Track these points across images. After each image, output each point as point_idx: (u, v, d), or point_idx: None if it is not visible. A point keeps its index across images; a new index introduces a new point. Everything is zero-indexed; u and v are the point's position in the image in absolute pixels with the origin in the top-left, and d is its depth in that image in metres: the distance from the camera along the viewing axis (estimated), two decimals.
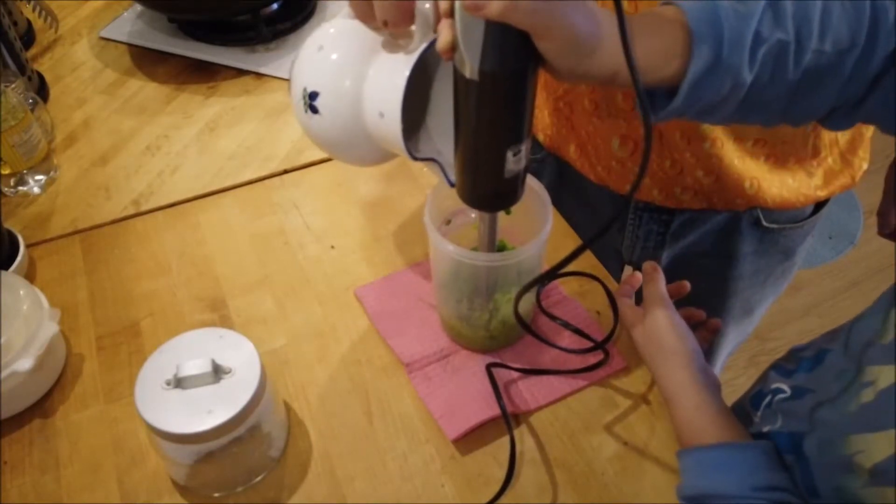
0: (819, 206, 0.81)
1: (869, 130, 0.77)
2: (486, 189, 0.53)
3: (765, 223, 0.77)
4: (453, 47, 0.45)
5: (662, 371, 0.60)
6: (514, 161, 0.49)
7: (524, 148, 0.49)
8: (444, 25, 0.45)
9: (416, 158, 0.57)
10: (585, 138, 0.78)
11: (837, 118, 0.48)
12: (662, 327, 0.61)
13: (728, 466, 0.52)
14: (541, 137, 0.85)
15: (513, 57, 0.44)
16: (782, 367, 0.59)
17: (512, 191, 0.53)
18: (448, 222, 0.68)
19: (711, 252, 0.80)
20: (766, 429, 0.56)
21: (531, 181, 0.61)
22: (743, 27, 0.43)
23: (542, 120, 0.83)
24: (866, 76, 0.45)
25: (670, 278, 0.67)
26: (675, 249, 0.82)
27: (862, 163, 0.77)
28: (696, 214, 0.78)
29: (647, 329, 0.62)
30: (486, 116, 0.47)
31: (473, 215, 0.68)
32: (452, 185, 0.56)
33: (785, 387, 0.56)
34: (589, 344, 0.67)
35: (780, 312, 1.89)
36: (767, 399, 0.57)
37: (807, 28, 0.43)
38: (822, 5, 0.44)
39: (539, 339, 0.65)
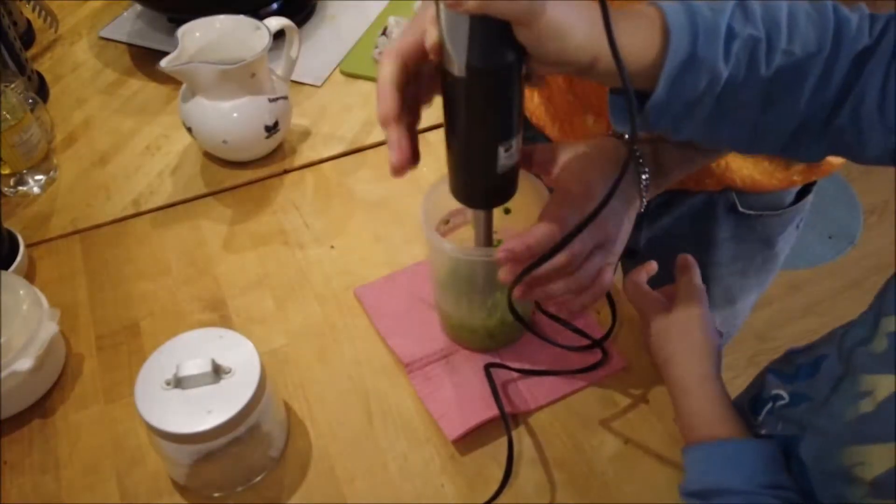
0: (800, 195, 0.82)
1: None
2: (480, 186, 0.53)
3: (741, 208, 0.78)
4: (440, 47, 0.45)
5: (682, 361, 0.59)
6: (507, 157, 0.49)
7: (515, 143, 0.49)
8: (430, 25, 0.45)
9: None
10: (563, 117, 0.79)
11: (807, 140, 0.49)
12: (695, 321, 0.60)
13: (738, 461, 0.52)
14: (527, 115, 0.85)
15: (498, 50, 0.44)
16: (781, 372, 0.59)
17: (505, 186, 0.53)
18: (447, 222, 0.68)
19: (689, 236, 0.81)
20: (763, 431, 0.56)
21: (531, 179, 0.61)
22: (717, 20, 0.44)
23: (531, 100, 0.84)
24: (833, 83, 0.46)
25: (649, 260, 0.67)
26: (652, 231, 0.83)
27: None
28: (671, 196, 0.78)
29: (676, 320, 0.61)
30: (476, 113, 0.47)
31: (471, 214, 0.68)
32: None
33: (784, 393, 0.56)
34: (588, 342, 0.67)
35: (780, 312, 1.89)
36: (769, 406, 0.57)
37: (776, 28, 0.45)
38: (787, 9, 0.45)
39: (536, 334, 0.65)
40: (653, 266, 0.67)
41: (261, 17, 0.84)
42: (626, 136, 0.61)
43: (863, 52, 0.45)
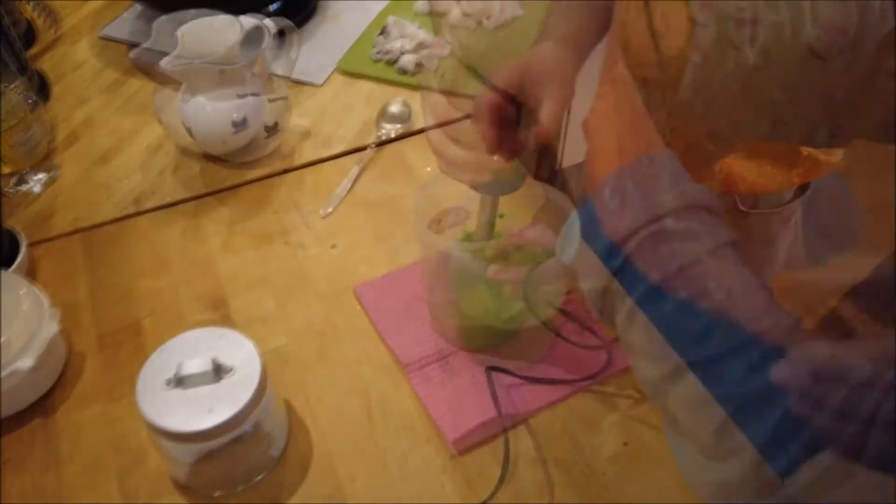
0: (799, 192, 0.82)
1: None
2: None
3: (741, 207, 0.78)
4: None
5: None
6: None
7: None
8: None
9: None
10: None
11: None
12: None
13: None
14: None
15: None
16: None
17: None
18: (439, 221, 0.69)
19: None
20: None
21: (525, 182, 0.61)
22: None
23: None
24: None
25: None
26: None
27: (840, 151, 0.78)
28: None
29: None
30: None
31: (464, 215, 0.69)
32: None
33: None
34: (593, 342, 0.67)
35: None
36: None
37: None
38: None
39: (553, 330, 0.62)
40: None
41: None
42: None
43: None
